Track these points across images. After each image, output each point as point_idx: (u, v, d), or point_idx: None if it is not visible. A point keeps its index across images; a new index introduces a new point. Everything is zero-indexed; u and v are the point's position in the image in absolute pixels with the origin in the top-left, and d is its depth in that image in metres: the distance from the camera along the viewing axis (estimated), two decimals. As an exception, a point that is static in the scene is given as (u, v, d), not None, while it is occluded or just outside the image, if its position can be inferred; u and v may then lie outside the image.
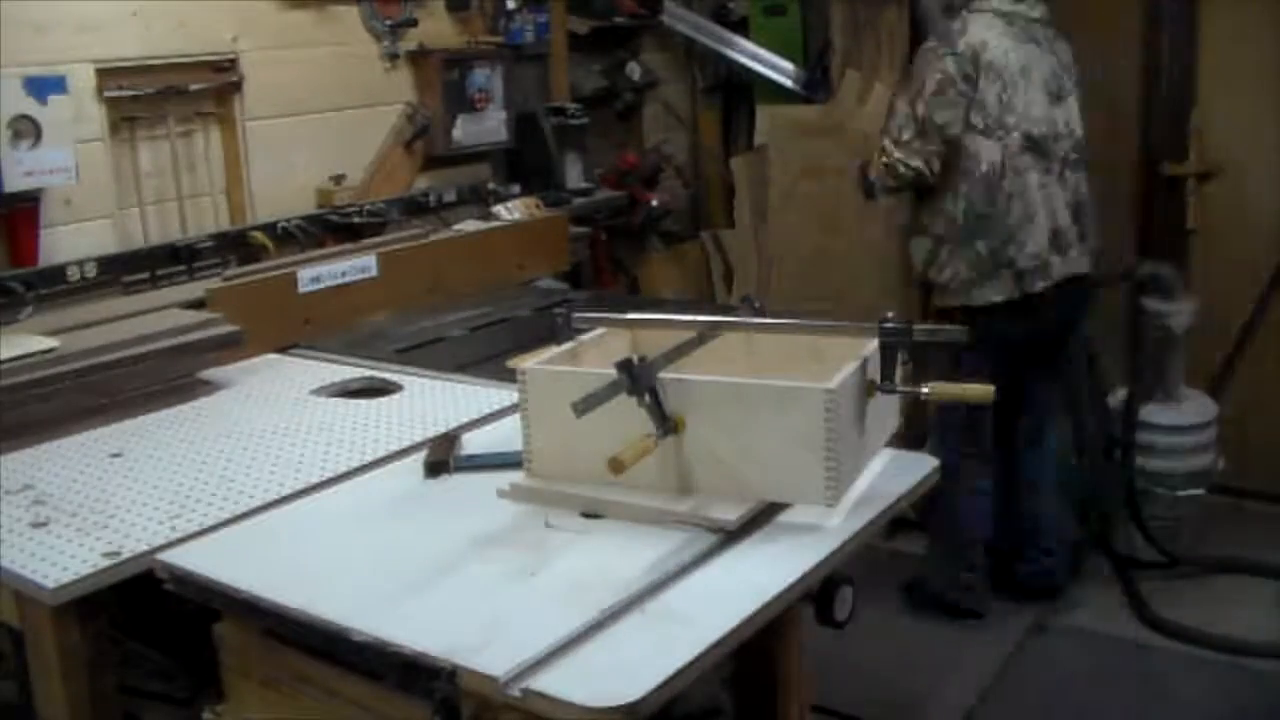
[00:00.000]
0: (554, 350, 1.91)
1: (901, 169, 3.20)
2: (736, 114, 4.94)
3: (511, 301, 3.18)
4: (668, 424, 1.66)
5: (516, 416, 2.18)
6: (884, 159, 3.23)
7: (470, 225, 3.53)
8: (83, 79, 2.83)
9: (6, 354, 2.20)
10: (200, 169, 3.18)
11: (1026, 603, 3.57)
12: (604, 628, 1.39)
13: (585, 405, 1.59)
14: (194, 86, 3.11)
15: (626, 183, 4.43)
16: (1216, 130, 4.14)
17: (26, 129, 2.64)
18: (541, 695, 1.26)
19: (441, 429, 2.10)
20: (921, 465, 1.89)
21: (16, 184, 2.65)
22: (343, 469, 1.97)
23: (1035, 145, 3.20)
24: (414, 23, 3.64)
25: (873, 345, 1.77)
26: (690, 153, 4.99)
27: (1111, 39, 4.25)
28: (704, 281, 4.77)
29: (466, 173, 3.89)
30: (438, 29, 3.76)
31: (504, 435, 2.10)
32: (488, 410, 2.23)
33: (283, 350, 2.72)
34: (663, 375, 1.68)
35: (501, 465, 1.91)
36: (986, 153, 3.16)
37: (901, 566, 3.69)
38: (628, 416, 1.63)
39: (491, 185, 3.87)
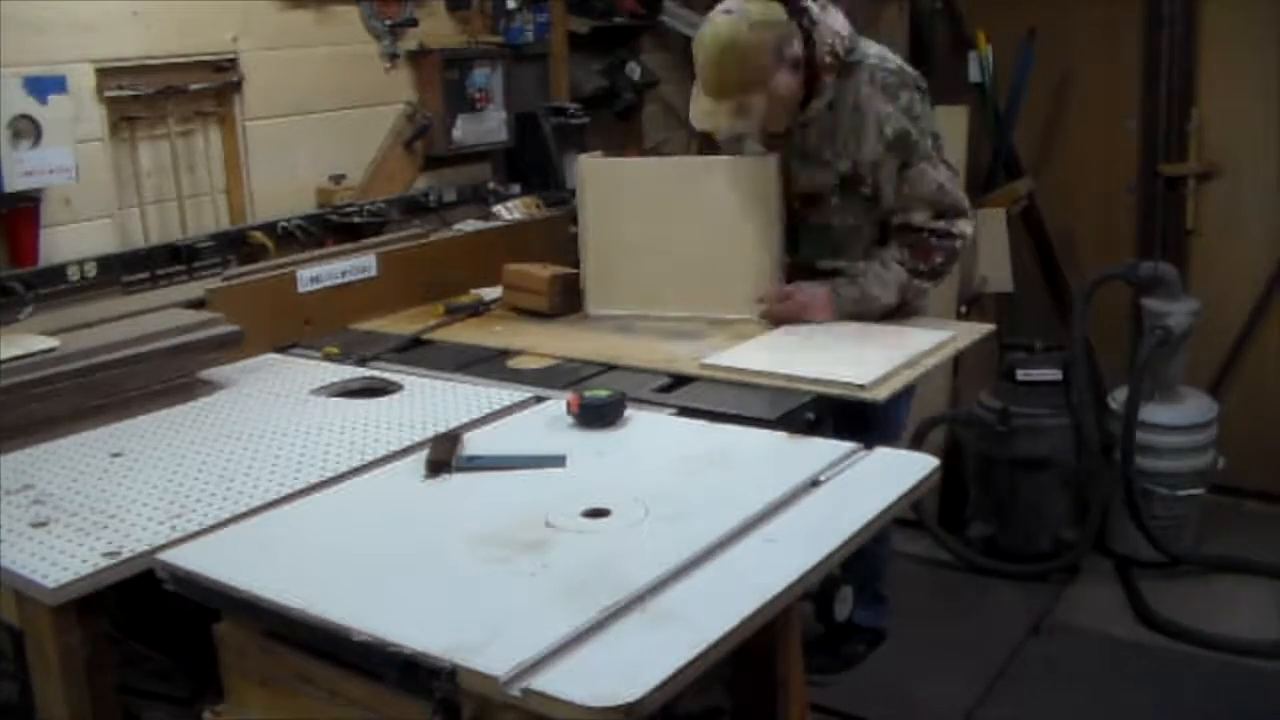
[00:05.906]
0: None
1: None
2: (736, 114, 4.93)
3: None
4: None
5: (517, 416, 2.21)
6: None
7: (470, 225, 3.53)
8: (83, 79, 2.83)
9: (6, 354, 2.20)
10: (200, 169, 3.18)
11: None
12: (604, 628, 1.39)
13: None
14: (194, 86, 3.11)
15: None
16: (1216, 130, 4.14)
17: (26, 129, 2.64)
18: (541, 695, 1.26)
19: (441, 429, 2.10)
20: (921, 465, 1.89)
21: (16, 184, 2.65)
22: (343, 469, 1.97)
23: None
24: (414, 22, 3.64)
25: None
26: (690, 152, 4.98)
27: (1111, 39, 4.26)
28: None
29: (466, 173, 3.89)
30: (438, 29, 3.76)
31: (505, 435, 2.10)
32: (488, 410, 2.23)
33: (282, 350, 2.72)
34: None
35: (503, 466, 1.92)
36: None
37: (902, 567, 3.69)
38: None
39: (491, 185, 3.87)
